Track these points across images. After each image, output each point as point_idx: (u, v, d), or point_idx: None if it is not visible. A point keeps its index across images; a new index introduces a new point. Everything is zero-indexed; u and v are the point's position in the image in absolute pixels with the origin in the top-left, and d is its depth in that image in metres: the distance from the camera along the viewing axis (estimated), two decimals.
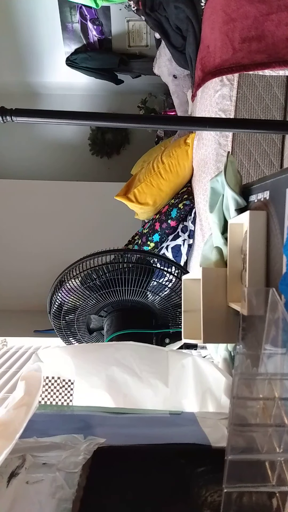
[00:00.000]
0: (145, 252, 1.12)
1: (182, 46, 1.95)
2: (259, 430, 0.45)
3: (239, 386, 0.44)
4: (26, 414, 0.58)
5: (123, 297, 0.95)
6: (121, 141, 2.91)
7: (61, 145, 2.88)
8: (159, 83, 2.46)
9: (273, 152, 1.44)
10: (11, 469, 0.53)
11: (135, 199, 1.98)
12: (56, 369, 0.75)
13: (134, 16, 2.36)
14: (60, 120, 0.81)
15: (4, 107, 0.78)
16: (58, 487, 0.51)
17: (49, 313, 1.00)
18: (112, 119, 0.86)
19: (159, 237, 1.85)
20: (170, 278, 0.94)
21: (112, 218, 2.43)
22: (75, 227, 2.55)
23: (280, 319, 0.43)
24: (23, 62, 2.71)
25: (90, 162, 2.91)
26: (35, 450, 0.55)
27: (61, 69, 2.72)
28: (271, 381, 0.44)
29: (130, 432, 0.61)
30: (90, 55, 2.63)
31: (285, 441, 0.43)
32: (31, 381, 0.67)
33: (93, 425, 0.61)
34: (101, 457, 0.54)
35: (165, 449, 0.56)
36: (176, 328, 1.00)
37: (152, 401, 0.72)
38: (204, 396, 0.71)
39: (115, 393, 0.72)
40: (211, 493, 0.51)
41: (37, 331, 1.85)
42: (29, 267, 2.49)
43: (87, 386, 0.74)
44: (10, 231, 2.56)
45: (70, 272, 0.92)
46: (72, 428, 0.60)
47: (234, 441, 0.41)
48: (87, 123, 0.87)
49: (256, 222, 0.56)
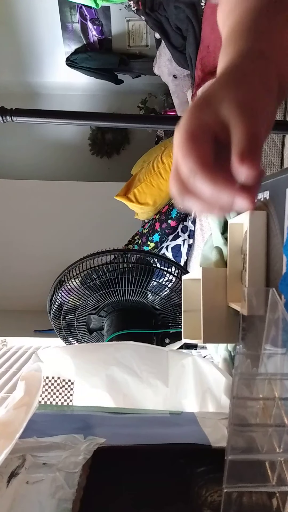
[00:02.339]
0: (145, 252, 1.12)
1: (182, 46, 1.95)
2: (259, 430, 0.45)
3: (239, 386, 0.44)
4: (26, 414, 0.58)
5: (123, 297, 0.95)
6: (121, 141, 2.91)
7: (61, 145, 2.88)
8: (159, 83, 2.45)
9: (273, 152, 1.44)
10: (11, 469, 0.53)
11: (135, 199, 1.98)
12: (56, 369, 0.75)
13: (134, 16, 2.36)
14: (60, 120, 0.81)
15: (4, 107, 0.78)
16: (58, 487, 0.51)
17: (49, 313, 1.00)
18: (112, 119, 0.86)
19: (159, 237, 1.85)
20: (170, 278, 0.94)
21: (112, 218, 2.43)
22: (75, 227, 2.55)
23: (280, 319, 0.43)
24: (23, 62, 2.71)
25: (90, 162, 2.91)
26: (35, 450, 0.55)
27: (61, 69, 2.72)
28: (271, 381, 0.44)
29: (130, 432, 0.61)
30: (90, 55, 2.63)
31: (285, 441, 0.43)
32: (31, 381, 0.67)
33: (93, 425, 0.61)
34: (101, 457, 0.54)
35: (165, 449, 0.56)
36: (176, 328, 1.00)
37: (152, 401, 0.72)
38: (204, 396, 0.71)
39: (115, 393, 0.72)
40: (211, 493, 0.51)
41: (37, 331, 1.85)
42: (29, 267, 2.49)
43: (87, 386, 0.74)
44: (9, 231, 2.55)
45: (70, 272, 0.92)
46: (72, 428, 0.60)
47: (234, 441, 0.41)
48: (87, 123, 0.87)
49: (256, 222, 0.56)
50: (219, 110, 0.27)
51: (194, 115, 0.28)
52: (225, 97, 0.27)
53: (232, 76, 0.29)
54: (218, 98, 0.28)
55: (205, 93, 0.29)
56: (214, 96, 0.28)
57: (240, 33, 0.32)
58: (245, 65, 0.29)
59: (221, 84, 0.28)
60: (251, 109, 0.27)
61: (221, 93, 0.28)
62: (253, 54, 0.29)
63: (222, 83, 0.28)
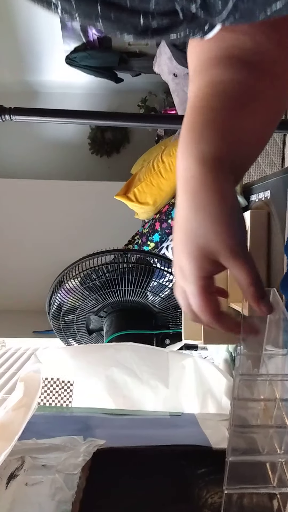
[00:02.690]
0: (145, 252, 1.12)
1: (182, 45, 1.95)
2: (260, 432, 0.44)
3: (240, 387, 0.43)
4: (25, 415, 0.58)
5: (123, 298, 0.95)
6: (121, 140, 2.90)
7: (60, 144, 2.87)
8: (159, 82, 2.45)
9: (274, 151, 1.43)
10: (10, 470, 0.52)
11: (135, 199, 1.97)
12: (55, 370, 0.75)
13: None
14: (59, 118, 0.80)
15: (2, 106, 0.77)
16: (58, 488, 0.51)
17: (48, 314, 1.00)
18: (112, 117, 0.85)
19: (159, 237, 1.85)
20: (171, 278, 0.93)
21: (112, 217, 2.42)
22: (74, 227, 2.54)
23: (281, 319, 0.42)
24: (22, 61, 2.70)
25: (90, 161, 2.90)
26: (34, 451, 0.55)
27: (60, 67, 2.71)
28: (272, 382, 0.44)
29: (130, 433, 0.61)
30: (90, 53, 2.63)
31: (285, 442, 0.43)
32: (30, 382, 0.66)
33: (93, 427, 0.61)
34: (101, 458, 0.53)
35: (165, 451, 0.56)
36: (176, 328, 0.99)
37: (152, 403, 0.72)
38: (204, 397, 0.71)
39: (115, 394, 0.72)
40: (211, 494, 0.51)
41: (36, 332, 1.85)
42: (28, 267, 2.48)
43: (87, 387, 0.73)
44: (8, 231, 2.55)
45: (70, 272, 0.92)
46: (71, 429, 0.59)
47: (235, 443, 0.41)
48: (86, 122, 0.87)
49: (257, 221, 0.56)
50: (217, 261, 0.33)
51: (200, 269, 0.34)
52: (217, 248, 0.33)
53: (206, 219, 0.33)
54: (213, 251, 0.33)
55: (195, 242, 0.33)
56: (206, 249, 0.33)
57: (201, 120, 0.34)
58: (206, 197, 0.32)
59: (203, 230, 0.33)
60: (244, 254, 0.34)
61: (212, 244, 0.33)
62: (209, 167, 0.32)
63: (203, 229, 0.33)
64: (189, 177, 0.33)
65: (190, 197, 0.33)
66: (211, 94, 0.34)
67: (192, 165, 0.33)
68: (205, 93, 0.34)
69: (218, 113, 0.34)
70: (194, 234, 0.34)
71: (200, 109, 0.34)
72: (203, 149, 0.33)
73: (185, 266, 0.35)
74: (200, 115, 0.34)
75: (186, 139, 0.34)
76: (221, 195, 0.32)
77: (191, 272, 0.35)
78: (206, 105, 0.34)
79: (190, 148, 0.33)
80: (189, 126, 0.34)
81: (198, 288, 0.35)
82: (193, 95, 0.36)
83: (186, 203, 0.34)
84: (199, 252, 0.34)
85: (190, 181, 0.33)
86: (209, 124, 0.33)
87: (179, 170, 0.35)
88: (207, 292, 0.35)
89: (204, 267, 0.34)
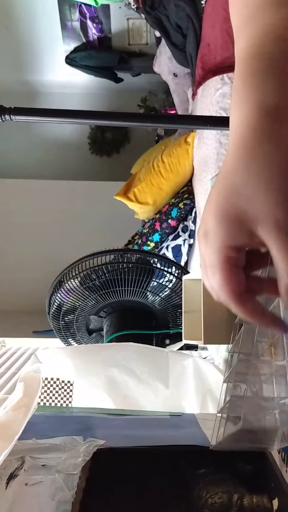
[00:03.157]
0: (145, 252, 1.11)
1: (183, 44, 1.95)
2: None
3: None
4: (25, 415, 0.57)
5: (123, 298, 0.95)
6: (121, 140, 2.90)
7: (60, 144, 2.87)
8: (159, 82, 2.45)
9: None
10: (10, 470, 0.52)
11: (135, 199, 1.97)
12: (55, 370, 0.75)
13: (134, 14, 2.35)
14: (59, 118, 0.80)
15: (2, 105, 0.77)
16: (58, 489, 0.50)
17: (48, 314, 1.00)
18: (112, 117, 0.85)
19: (159, 237, 1.85)
20: (170, 278, 0.93)
21: (112, 217, 2.42)
22: (74, 227, 2.54)
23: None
24: (22, 61, 2.70)
25: (90, 161, 2.90)
26: (34, 451, 0.55)
27: (60, 67, 2.71)
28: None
29: (130, 433, 0.61)
30: (90, 53, 2.63)
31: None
32: (30, 382, 0.66)
33: (93, 427, 0.61)
34: (101, 459, 0.53)
35: (165, 451, 0.56)
36: (176, 329, 0.99)
37: (152, 403, 0.72)
38: (204, 397, 0.71)
39: (115, 394, 0.72)
40: (211, 495, 0.51)
41: (36, 332, 1.85)
42: (28, 267, 2.48)
43: (87, 387, 0.73)
44: (8, 231, 2.55)
45: (70, 272, 0.91)
46: (71, 429, 0.59)
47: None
48: (86, 122, 0.86)
49: None
50: (254, 231, 0.27)
51: (228, 235, 0.28)
52: (259, 216, 0.26)
53: (258, 175, 0.27)
54: (252, 217, 0.27)
55: (233, 200, 0.27)
56: (245, 212, 0.27)
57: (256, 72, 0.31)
58: (266, 148, 0.27)
59: (250, 188, 0.27)
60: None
61: (255, 208, 0.26)
62: (273, 116, 0.28)
63: (250, 186, 0.27)
64: (246, 128, 0.28)
65: (245, 151, 0.28)
66: (268, 41, 0.31)
67: (252, 114, 0.28)
68: (262, 40, 0.31)
69: (277, 61, 0.30)
70: (236, 191, 0.27)
71: (260, 57, 0.31)
72: (265, 98, 0.28)
73: (211, 229, 0.28)
74: (260, 62, 0.30)
75: (242, 89, 0.30)
76: (284, 152, 0.26)
77: (216, 237, 0.28)
78: (265, 52, 0.30)
79: (249, 97, 0.29)
80: (245, 75, 0.31)
81: (221, 258, 0.28)
82: (247, 45, 0.32)
83: (239, 158, 0.28)
84: (234, 215, 0.27)
85: (248, 133, 0.28)
86: (270, 72, 0.30)
87: (233, 123, 0.30)
88: (231, 265, 0.28)
89: (235, 234, 0.27)
